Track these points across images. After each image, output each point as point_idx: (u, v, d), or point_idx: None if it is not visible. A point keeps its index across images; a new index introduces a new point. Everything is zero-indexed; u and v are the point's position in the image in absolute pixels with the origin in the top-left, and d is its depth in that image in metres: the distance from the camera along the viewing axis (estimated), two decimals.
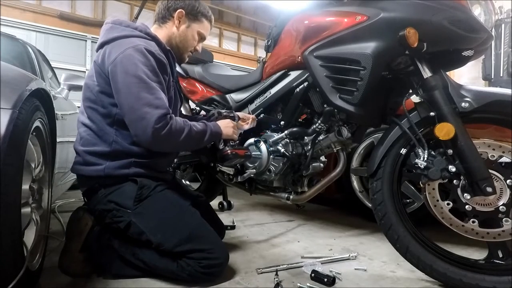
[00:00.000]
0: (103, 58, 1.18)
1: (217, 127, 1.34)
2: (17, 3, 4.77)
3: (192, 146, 1.35)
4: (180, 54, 1.42)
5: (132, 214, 1.14)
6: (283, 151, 1.43)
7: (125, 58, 1.13)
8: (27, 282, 0.92)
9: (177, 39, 1.38)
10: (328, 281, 1.11)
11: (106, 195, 1.18)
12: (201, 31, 1.42)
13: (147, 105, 1.10)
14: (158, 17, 1.39)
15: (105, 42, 1.22)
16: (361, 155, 2.04)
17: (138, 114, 1.10)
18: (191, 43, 1.41)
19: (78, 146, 1.24)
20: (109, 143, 1.18)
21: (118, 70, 1.12)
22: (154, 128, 1.09)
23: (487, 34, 1.11)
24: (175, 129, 1.15)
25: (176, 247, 1.10)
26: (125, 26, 1.26)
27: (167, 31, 1.37)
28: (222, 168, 1.78)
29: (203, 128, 1.27)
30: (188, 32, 1.39)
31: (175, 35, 1.38)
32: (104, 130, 1.20)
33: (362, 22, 1.15)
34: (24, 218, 0.91)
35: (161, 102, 1.14)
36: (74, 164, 1.24)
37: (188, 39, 1.40)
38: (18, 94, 0.83)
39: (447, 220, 1.10)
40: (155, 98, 1.12)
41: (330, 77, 1.25)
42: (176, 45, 1.39)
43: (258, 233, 1.79)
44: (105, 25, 1.29)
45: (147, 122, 1.09)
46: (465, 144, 1.05)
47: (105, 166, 1.17)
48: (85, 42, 5.29)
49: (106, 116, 1.20)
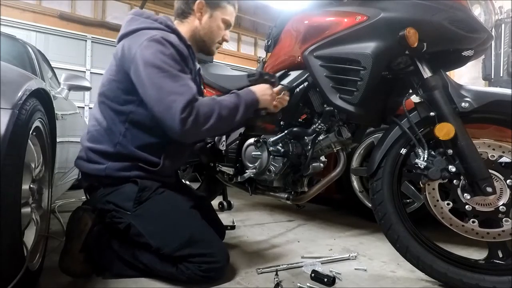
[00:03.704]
0: (123, 52, 1.15)
1: (251, 95, 1.22)
2: (17, 3, 4.78)
3: (228, 126, 1.20)
4: (208, 47, 1.37)
5: (131, 216, 1.13)
6: (283, 151, 1.43)
7: (144, 50, 1.10)
8: (27, 282, 0.92)
9: (201, 33, 1.32)
10: (328, 281, 1.10)
11: (105, 195, 1.17)
12: (225, 18, 1.35)
13: (172, 93, 1.05)
14: (178, 13, 1.34)
15: (124, 35, 1.19)
16: (361, 155, 2.04)
17: (164, 104, 1.05)
18: (217, 34, 1.35)
19: (84, 141, 1.23)
20: (114, 143, 1.17)
21: (139, 64, 1.09)
22: (181, 119, 1.04)
23: (487, 34, 1.11)
24: (203, 113, 1.08)
25: (176, 251, 1.09)
26: (145, 17, 1.23)
27: (189, 26, 1.32)
28: (222, 168, 1.78)
29: (235, 101, 1.17)
30: (212, 23, 1.32)
31: (198, 28, 1.32)
32: (112, 128, 1.17)
33: (362, 22, 1.15)
34: (24, 218, 0.91)
35: (186, 88, 1.08)
36: (77, 159, 1.24)
37: (213, 30, 1.33)
38: (18, 94, 0.83)
39: (447, 220, 1.10)
40: (179, 86, 1.07)
41: (330, 77, 1.25)
42: (201, 38, 1.33)
43: (258, 233, 1.79)
44: (126, 16, 1.26)
45: (174, 111, 1.04)
46: (465, 144, 1.05)
47: (107, 166, 1.16)
48: (85, 42, 5.30)
49: (119, 113, 1.17)
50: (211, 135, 1.18)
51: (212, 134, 1.17)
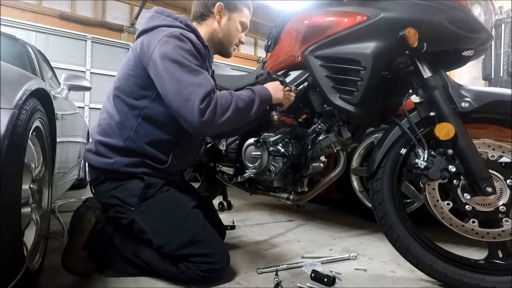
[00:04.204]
0: (142, 48, 1.16)
1: (265, 91, 1.25)
2: (17, 3, 4.78)
3: (243, 119, 1.21)
4: (226, 49, 1.40)
5: (135, 212, 1.14)
6: (283, 151, 1.43)
7: (163, 45, 1.11)
8: (27, 282, 0.92)
9: (219, 35, 1.36)
10: (328, 281, 1.10)
11: (110, 189, 1.18)
12: (243, 20, 1.40)
13: (191, 85, 1.06)
14: (196, 15, 1.37)
15: (144, 31, 1.21)
16: (361, 155, 2.04)
17: (183, 96, 1.06)
18: (235, 35, 1.39)
19: (94, 133, 1.24)
20: (124, 138, 1.17)
21: (158, 59, 1.10)
22: (200, 110, 1.04)
23: (487, 34, 1.11)
24: (221, 104, 1.10)
25: (177, 250, 1.09)
26: (166, 15, 1.25)
27: (208, 28, 1.35)
28: (222, 168, 1.78)
29: (250, 96, 1.19)
30: (230, 25, 1.37)
31: (217, 30, 1.36)
32: (125, 123, 1.18)
33: (362, 22, 1.15)
34: (24, 218, 0.91)
35: (205, 81, 1.09)
36: (86, 151, 1.25)
37: (231, 32, 1.38)
38: (18, 94, 0.83)
39: (447, 220, 1.10)
40: (198, 79, 1.08)
41: (330, 77, 1.25)
42: (220, 40, 1.37)
43: (258, 233, 1.79)
44: (148, 13, 1.28)
45: (193, 102, 1.05)
46: (465, 144, 1.05)
47: (114, 160, 1.17)
48: (85, 42, 5.30)
49: (134, 107, 1.18)
50: (227, 128, 1.17)
51: (228, 126, 1.16)
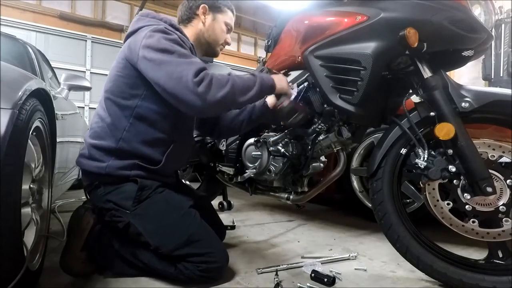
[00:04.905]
0: (129, 48, 1.17)
1: (269, 79, 1.26)
2: (17, 3, 4.78)
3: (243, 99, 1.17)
4: (212, 48, 1.44)
5: (130, 215, 1.14)
6: (283, 151, 1.43)
7: (148, 39, 1.13)
8: (27, 282, 0.92)
9: (205, 35, 1.40)
10: (328, 281, 1.11)
11: (105, 194, 1.17)
12: (227, 21, 1.44)
13: (181, 64, 1.08)
14: (182, 19, 1.41)
15: (130, 34, 1.23)
16: (361, 155, 2.04)
17: (175, 76, 1.06)
18: (220, 36, 1.43)
19: (87, 137, 1.24)
20: (117, 139, 1.17)
21: (146, 53, 1.11)
22: (194, 82, 1.04)
23: (487, 34, 1.10)
24: (217, 79, 1.10)
25: (175, 250, 1.09)
26: (151, 17, 1.28)
27: (194, 29, 1.39)
28: (222, 168, 1.78)
29: (250, 77, 1.21)
30: (215, 25, 1.40)
31: (203, 31, 1.39)
32: (116, 124, 1.18)
33: (362, 22, 1.14)
34: (24, 218, 0.91)
35: (196, 60, 1.11)
36: (79, 156, 1.24)
37: (217, 32, 1.41)
38: (18, 94, 0.83)
39: (447, 220, 1.10)
40: (188, 60, 1.10)
41: (330, 77, 1.25)
42: (206, 40, 1.41)
43: (258, 233, 1.79)
44: (134, 17, 1.31)
45: (186, 78, 1.05)
46: (465, 144, 1.05)
47: (108, 164, 1.16)
48: (85, 42, 5.30)
49: (125, 108, 1.18)
50: (227, 105, 1.17)
51: (227, 105, 1.16)
